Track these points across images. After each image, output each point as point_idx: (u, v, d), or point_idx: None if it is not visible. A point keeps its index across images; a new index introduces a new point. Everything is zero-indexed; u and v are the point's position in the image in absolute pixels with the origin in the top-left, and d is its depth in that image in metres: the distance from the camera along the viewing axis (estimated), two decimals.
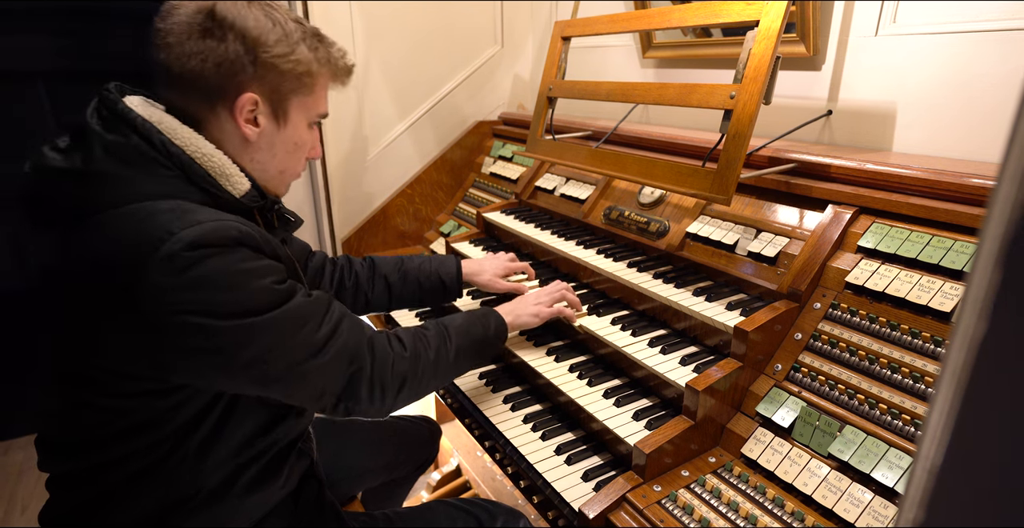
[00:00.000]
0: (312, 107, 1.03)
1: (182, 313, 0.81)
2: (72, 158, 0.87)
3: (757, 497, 1.01)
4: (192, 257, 0.81)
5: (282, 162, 1.05)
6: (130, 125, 0.88)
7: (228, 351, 0.85)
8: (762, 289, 1.27)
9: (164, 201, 0.86)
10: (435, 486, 2.31)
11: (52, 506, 1.01)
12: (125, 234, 0.82)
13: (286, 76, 0.97)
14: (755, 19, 1.24)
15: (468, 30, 2.43)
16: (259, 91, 0.95)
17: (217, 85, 0.93)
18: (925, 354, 0.99)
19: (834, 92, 1.49)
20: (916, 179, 1.12)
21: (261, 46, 0.93)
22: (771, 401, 1.10)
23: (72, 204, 0.86)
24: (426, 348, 1.12)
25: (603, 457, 1.22)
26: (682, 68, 1.95)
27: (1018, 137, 0.24)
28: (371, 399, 1.01)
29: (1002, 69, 1.18)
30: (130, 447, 0.91)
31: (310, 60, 0.98)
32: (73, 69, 2.61)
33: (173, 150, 0.89)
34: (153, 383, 0.88)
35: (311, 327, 0.94)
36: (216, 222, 0.85)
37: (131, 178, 0.86)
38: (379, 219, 2.43)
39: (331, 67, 1.03)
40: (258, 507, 1.06)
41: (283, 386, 0.93)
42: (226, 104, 0.94)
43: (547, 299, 1.40)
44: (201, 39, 0.90)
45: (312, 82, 1.01)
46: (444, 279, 1.49)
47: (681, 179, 1.35)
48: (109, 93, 0.92)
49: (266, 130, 0.99)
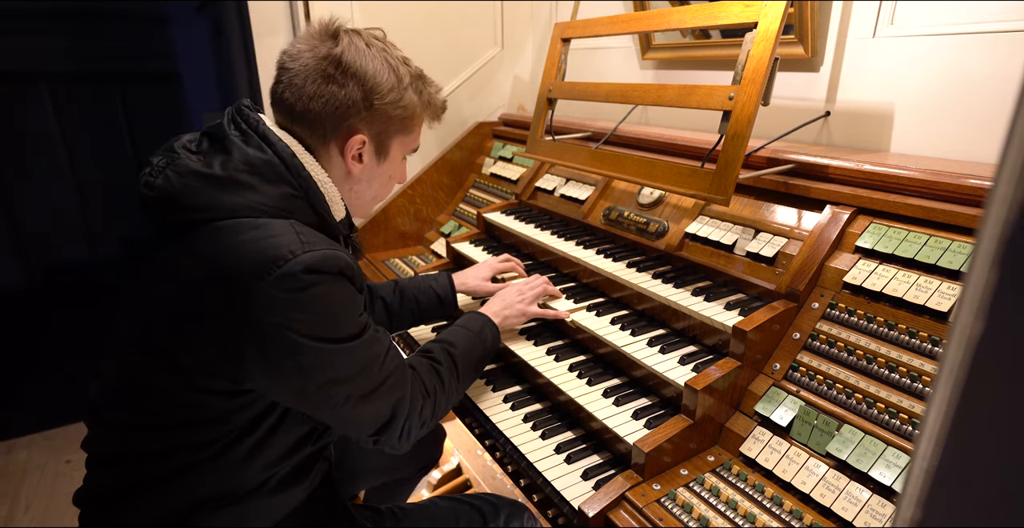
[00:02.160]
0: (409, 144, 1.14)
1: (282, 327, 0.86)
2: (211, 161, 0.94)
3: (756, 496, 1.02)
4: (307, 280, 0.87)
5: (376, 192, 1.16)
6: (268, 143, 0.97)
7: (307, 371, 0.90)
8: (760, 289, 1.27)
9: (284, 221, 0.93)
10: (436, 484, 2.31)
11: (88, 487, 1.03)
12: (250, 245, 0.88)
13: (393, 119, 1.06)
14: (753, 21, 1.24)
15: (469, 32, 2.44)
16: (368, 132, 1.05)
17: (333, 125, 1.02)
18: (923, 353, 1.00)
19: (832, 93, 1.50)
20: (913, 180, 1.13)
21: (377, 94, 1.02)
22: (769, 400, 1.11)
23: (206, 204, 0.92)
24: (440, 388, 1.16)
25: (603, 456, 1.23)
26: (681, 69, 1.95)
27: (1015, 138, 0.24)
28: (399, 438, 1.06)
29: (999, 70, 1.19)
30: (183, 440, 0.94)
31: (415, 104, 1.07)
32: (75, 70, 2.61)
33: (304, 173, 0.98)
34: (227, 384, 0.91)
35: (377, 362, 0.99)
36: (331, 251, 0.91)
37: (263, 191, 0.94)
38: (380, 219, 2.43)
39: (431, 110, 1.13)
40: (282, 507, 1.08)
41: (337, 413, 0.97)
42: (338, 142, 1.04)
43: (530, 296, 1.44)
44: (324, 84, 0.99)
45: (413, 124, 1.11)
46: (439, 292, 1.53)
47: (680, 180, 1.35)
48: (247, 109, 1.00)
49: (368, 165, 1.09)
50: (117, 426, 0.98)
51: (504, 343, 1.49)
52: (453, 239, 2.01)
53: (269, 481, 1.02)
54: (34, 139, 2.60)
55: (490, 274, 1.59)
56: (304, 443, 1.04)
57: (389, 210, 2.44)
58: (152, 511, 0.97)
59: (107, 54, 2.64)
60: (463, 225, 2.30)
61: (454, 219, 2.38)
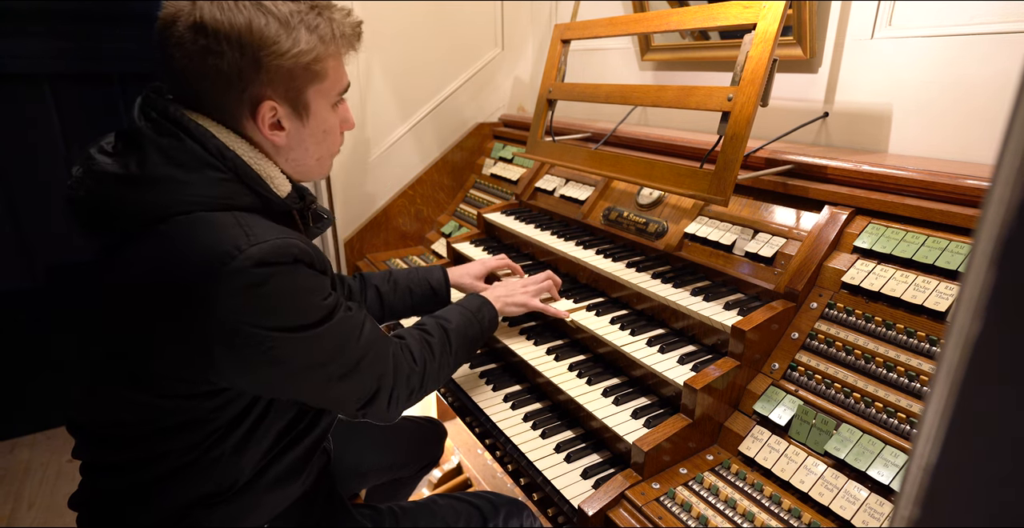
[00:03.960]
0: (331, 89, 0.98)
1: (244, 325, 0.84)
2: (126, 162, 0.87)
3: (754, 494, 1.02)
4: (259, 274, 0.83)
5: (316, 152, 1.03)
6: (183, 129, 0.87)
7: (280, 362, 0.88)
8: (759, 289, 1.28)
9: (226, 213, 0.87)
10: (436, 483, 2.32)
11: (83, 492, 1.02)
12: (192, 246, 0.83)
13: (295, 71, 0.91)
14: (752, 22, 1.25)
15: (469, 33, 2.44)
16: (274, 95, 0.92)
17: (233, 101, 0.90)
18: (920, 353, 1.00)
19: (830, 94, 1.51)
20: (911, 180, 1.13)
21: (262, 49, 0.86)
22: (768, 399, 1.11)
23: (133, 210, 0.86)
24: (431, 358, 1.15)
25: (602, 455, 1.23)
26: (680, 70, 1.96)
27: (1012, 138, 0.24)
28: (387, 409, 1.06)
29: (997, 71, 1.20)
30: (171, 444, 0.93)
31: (314, 44, 0.90)
32: (78, 71, 2.61)
33: (228, 154, 0.89)
34: (203, 385, 0.89)
35: (352, 341, 0.97)
36: (280, 240, 0.86)
37: (189, 182, 0.86)
38: (381, 220, 2.43)
39: (336, 42, 0.94)
40: (279, 503, 1.08)
41: (320, 395, 0.97)
42: (248, 116, 0.93)
43: (534, 288, 1.44)
44: (203, 59, 0.86)
45: (323, 67, 0.94)
46: (433, 285, 1.53)
47: (679, 180, 1.36)
48: (156, 96, 0.91)
49: (292, 131, 0.96)
50: (101, 438, 0.97)
51: (504, 342, 1.50)
52: (454, 239, 2.01)
53: (264, 475, 1.01)
54: (37, 139, 2.60)
55: (484, 272, 1.60)
56: (288, 433, 1.03)
57: (390, 210, 2.44)
58: (148, 511, 0.97)
59: (109, 55, 2.64)
60: (464, 225, 2.31)
61: (455, 219, 2.39)
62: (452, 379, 1.52)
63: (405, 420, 1.70)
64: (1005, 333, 0.26)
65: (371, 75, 2.26)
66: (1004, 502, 0.29)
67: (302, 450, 1.07)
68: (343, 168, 2.30)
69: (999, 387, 0.27)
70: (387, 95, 2.33)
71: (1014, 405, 0.27)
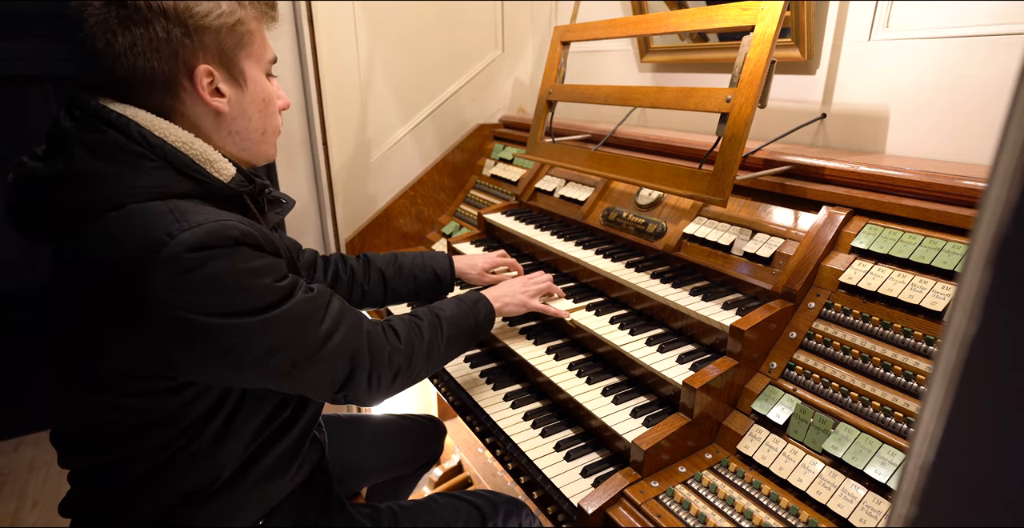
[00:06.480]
0: (260, 55, 0.99)
1: (188, 314, 0.81)
2: (54, 164, 0.85)
3: (753, 493, 1.03)
4: (194, 259, 0.80)
5: (260, 123, 1.01)
6: (104, 121, 0.85)
7: (235, 350, 0.86)
8: (758, 289, 1.29)
9: (159, 202, 0.84)
10: (437, 482, 2.32)
11: (71, 497, 1.02)
12: (124, 238, 0.81)
13: (222, 33, 0.91)
14: (751, 24, 1.26)
15: (469, 35, 2.44)
16: (208, 60, 0.91)
17: (167, 71, 0.88)
18: (917, 352, 1.01)
19: (828, 96, 1.51)
20: (909, 181, 1.14)
21: (187, 13, 0.86)
22: (766, 399, 1.12)
23: (68, 210, 0.85)
24: (420, 339, 1.13)
25: (602, 453, 1.24)
26: (679, 72, 1.96)
27: (1009, 139, 0.24)
28: (368, 389, 1.03)
29: (993, 72, 1.21)
30: (146, 444, 0.92)
31: (234, 7, 0.92)
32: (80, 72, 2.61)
33: (155, 141, 0.87)
34: (164, 381, 0.88)
35: (313, 323, 0.94)
36: (216, 222, 0.83)
37: (118, 175, 0.84)
38: (382, 220, 2.44)
39: (255, 6, 0.96)
40: (270, 497, 1.07)
41: (288, 380, 0.94)
42: (185, 86, 0.91)
43: (533, 289, 1.44)
44: (126, 31, 0.84)
45: (247, 29, 0.95)
46: (438, 272, 1.53)
47: (678, 181, 1.37)
48: (80, 93, 0.89)
49: (232, 97, 0.96)
50: (78, 444, 0.96)
51: (504, 342, 1.50)
52: (454, 240, 2.02)
53: (250, 469, 1.00)
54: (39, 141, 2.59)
55: (488, 266, 1.61)
56: (268, 424, 1.01)
57: (391, 211, 2.45)
58: (134, 512, 0.96)
59: None
60: (464, 226, 2.31)
61: (455, 220, 2.39)
62: (452, 378, 1.53)
63: (405, 419, 1.70)
64: (1002, 332, 0.26)
65: (372, 76, 2.27)
66: (1001, 501, 0.29)
67: (289, 441, 1.04)
68: (344, 169, 2.31)
69: (995, 386, 0.27)
70: (388, 96, 2.33)
71: (1010, 404, 0.27)
